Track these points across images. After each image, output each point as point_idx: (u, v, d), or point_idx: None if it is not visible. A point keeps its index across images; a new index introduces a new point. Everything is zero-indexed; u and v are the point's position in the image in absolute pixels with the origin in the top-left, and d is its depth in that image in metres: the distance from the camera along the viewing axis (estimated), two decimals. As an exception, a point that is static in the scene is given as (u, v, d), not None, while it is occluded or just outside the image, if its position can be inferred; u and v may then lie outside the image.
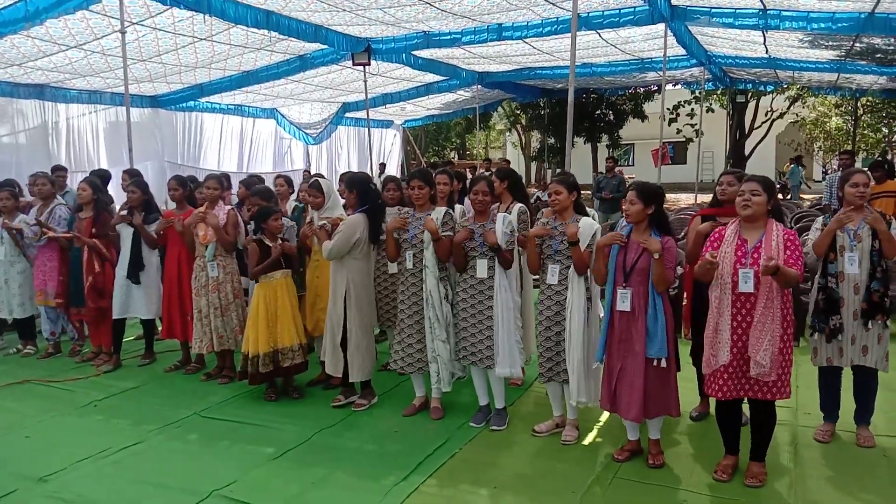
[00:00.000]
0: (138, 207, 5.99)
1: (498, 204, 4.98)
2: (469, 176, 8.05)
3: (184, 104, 13.69)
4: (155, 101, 13.37)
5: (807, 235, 4.31)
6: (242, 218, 5.91)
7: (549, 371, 4.36)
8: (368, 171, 15.06)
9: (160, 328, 6.20)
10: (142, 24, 8.62)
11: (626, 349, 3.92)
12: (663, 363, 3.84)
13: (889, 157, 24.21)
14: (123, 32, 7.61)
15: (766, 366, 3.51)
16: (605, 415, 4.67)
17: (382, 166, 17.64)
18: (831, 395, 4.34)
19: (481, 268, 4.53)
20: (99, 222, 6.15)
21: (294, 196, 6.71)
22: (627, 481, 3.85)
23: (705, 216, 4.41)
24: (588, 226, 4.26)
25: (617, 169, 12.58)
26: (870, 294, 4.06)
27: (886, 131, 24.62)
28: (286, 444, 4.42)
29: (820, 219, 4.42)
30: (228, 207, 5.78)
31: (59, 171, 8.10)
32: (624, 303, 3.89)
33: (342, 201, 5.35)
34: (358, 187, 4.96)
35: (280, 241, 5.19)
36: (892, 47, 10.68)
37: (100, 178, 7.26)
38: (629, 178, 13.69)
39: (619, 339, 3.93)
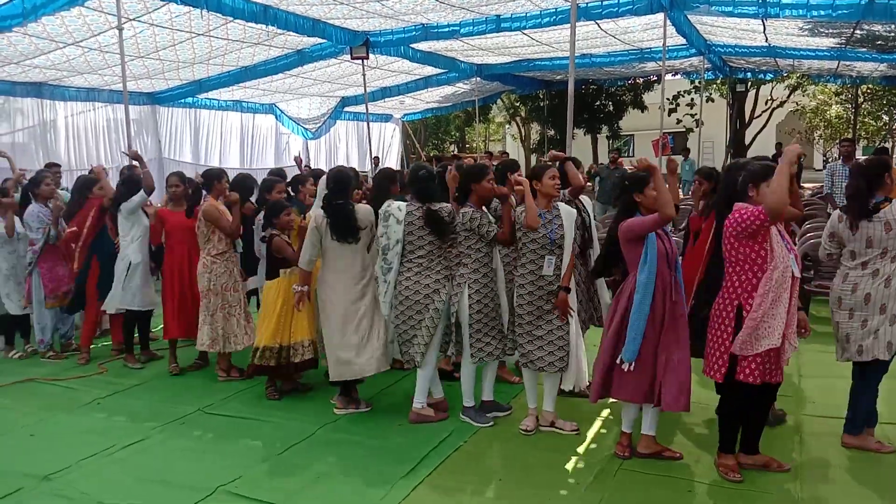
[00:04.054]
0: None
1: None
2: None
3: (182, 101, 13.62)
4: (153, 98, 13.32)
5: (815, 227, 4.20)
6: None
7: (527, 356, 4.30)
8: (368, 166, 15.07)
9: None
10: (139, 21, 8.58)
11: (670, 339, 3.77)
12: None
13: (889, 144, 24.13)
14: (121, 29, 7.57)
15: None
16: (608, 408, 4.66)
17: (377, 160, 17.56)
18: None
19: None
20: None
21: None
22: (632, 472, 3.85)
23: None
24: (568, 214, 4.30)
25: (618, 160, 12.63)
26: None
27: (887, 119, 24.56)
28: (290, 439, 4.42)
29: (835, 213, 4.16)
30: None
31: (52, 167, 7.93)
32: (677, 293, 3.80)
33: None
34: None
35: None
36: (892, 34, 10.62)
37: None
38: (630, 168, 13.67)
39: (666, 329, 3.77)
